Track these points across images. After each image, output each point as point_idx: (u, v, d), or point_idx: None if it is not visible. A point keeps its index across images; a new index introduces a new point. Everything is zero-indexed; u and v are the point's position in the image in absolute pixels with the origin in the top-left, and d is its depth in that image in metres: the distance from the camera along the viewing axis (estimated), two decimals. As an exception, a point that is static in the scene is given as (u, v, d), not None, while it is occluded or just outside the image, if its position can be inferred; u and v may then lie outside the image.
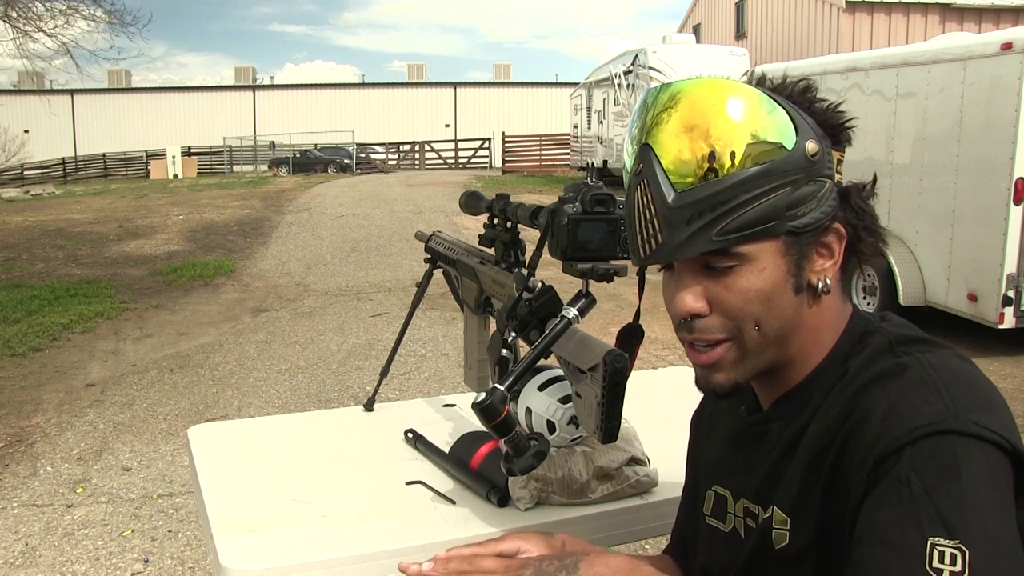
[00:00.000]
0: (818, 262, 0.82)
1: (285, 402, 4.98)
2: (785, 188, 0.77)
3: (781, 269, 0.80)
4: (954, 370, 0.76)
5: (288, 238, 12.20)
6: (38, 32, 11.48)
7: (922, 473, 0.67)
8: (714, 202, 0.76)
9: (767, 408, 0.89)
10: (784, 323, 0.81)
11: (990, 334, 5.85)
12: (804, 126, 0.79)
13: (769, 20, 20.03)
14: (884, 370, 0.77)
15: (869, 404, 0.75)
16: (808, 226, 0.79)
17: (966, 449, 0.68)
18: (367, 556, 1.09)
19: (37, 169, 32.32)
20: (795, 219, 0.78)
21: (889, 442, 0.70)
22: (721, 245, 0.77)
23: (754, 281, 0.79)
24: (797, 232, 0.79)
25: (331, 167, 28.80)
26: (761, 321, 0.81)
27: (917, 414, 0.71)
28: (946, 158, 5.96)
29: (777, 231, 0.78)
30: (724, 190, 0.76)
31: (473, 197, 1.37)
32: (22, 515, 3.51)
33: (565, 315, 0.99)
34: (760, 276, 0.79)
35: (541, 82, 40.15)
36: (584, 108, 19.62)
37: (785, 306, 0.81)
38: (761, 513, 0.86)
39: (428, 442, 1.41)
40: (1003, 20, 15.39)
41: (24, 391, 5.26)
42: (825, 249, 0.82)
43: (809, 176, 0.78)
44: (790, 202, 0.77)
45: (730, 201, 0.76)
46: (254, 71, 42.39)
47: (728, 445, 0.95)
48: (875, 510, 0.69)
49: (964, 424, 0.69)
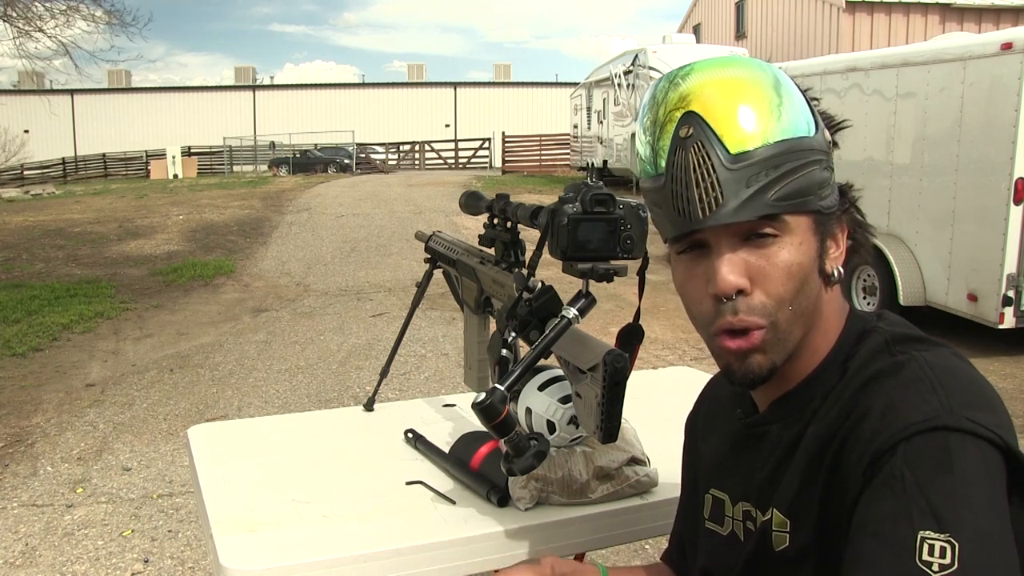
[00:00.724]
0: (832, 249, 0.83)
1: (285, 402, 4.98)
2: (816, 165, 0.79)
3: (813, 246, 0.81)
4: (950, 368, 0.76)
5: (288, 238, 12.20)
6: (38, 32, 11.49)
7: (915, 468, 0.68)
8: (768, 166, 0.77)
9: (765, 410, 0.89)
10: (811, 306, 0.82)
11: (990, 334, 5.85)
12: (817, 116, 0.81)
13: (769, 20, 20.03)
14: (882, 369, 0.78)
15: (867, 403, 0.75)
16: (830, 208, 0.81)
17: (960, 445, 0.68)
18: (367, 556, 1.09)
19: (37, 169, 32.33)
20: (822, 199, 0.80)
21: (885, 439, 0.71)
22: (777, 210, 0.77)
23: (795, 254, 0.79)
24: (823, 212, 0.81)
25: (331, 167, 28.81)
26: (795, 300, 0.80)
27: (913, 411, 0.71)
28: (946, 158, 5.96)
29: (811, 206, 0.80)
30: (776, 156, 0.77)
31: (473, 197, 1.37)
32: (22, 515, 3.51)
33: (565, 315, 0.99)
34: (799, 250, 0.79)
35: (541, 82, 40.18)
36: (584, 108, 19.62)
37: (814, 287, 0.82)
38: (760, 516, 0.86)
39: (428, 442, 1.41)
40: (1003, 20, 15.40)
41: (24, 391, 5.26)
42: (834, 239, 0.84)
43: (827, 162, 0.81)
44: (820, 181, 0.80)
45: (782, 167, 0.77)
46: (254, 71, 42.44)
47: (726, 448, 0.95)
48: (869, 505, 0.70)
49: (958, 420, 0.69)
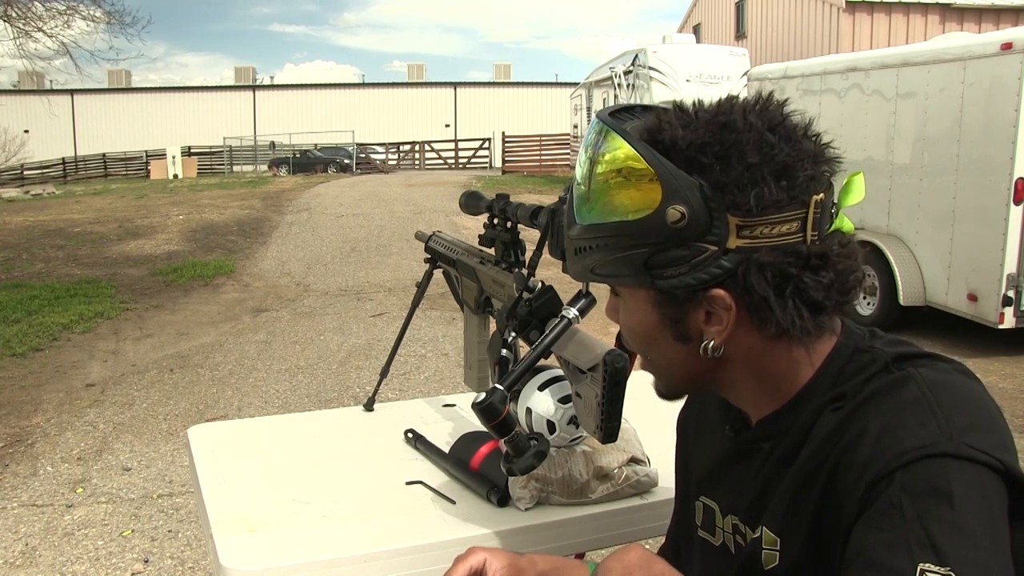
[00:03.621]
0: (705, 325, 0.79)
1: (285, 402, 4.98)
2: (640, 249, 0.77)
3: (652, 317, 0.82)
4: (950, 386, 0.74)
5: (288, 238, 12.20)
6: (38, 32, 11.50)
7: (914, 497, 0.66)
8: (590, 238, 0.81)
9: (755, 426, 0.87)
10: (673, 363, 0.84)
11: (990, 334, 5.85)
12: (678, 191, 0.74)
13: (769, 20, 20.03)
14: (878, 388, 0.76)
15: (863, 423, 0.74)
16: (675, 288, 0.77)
17: (959, 472, 0.67)
18: (367, 556, 1.09)
19: (37, 169, 32.32)
20: (660, 278, 0.77)
21: (882, 465, 0.69)
22: (596, 280, 0.84)
23: (628, 319, 0.86)
24: (664, 291, 0.79)
25: (331, 167, 28.81)
26: (648, 355, 0.87)
27: (910, 436, 0.69)
28: (946, 158, 5.96)
29: (642, 283, 0.79)
30: (592, 234, 0.81)
31: (473, 197, 1.38)
32: (22, 515, 3.51)
33: (565, 315, 0.99)
34: (632, 317, 0.84)
35: (541, 82, 40.15)
36: (584, 108, 19.60)
37: (668, 350, 0.83)
38: (749, 533, 0.85)
39: (428, 442, 1.41)
40: (1003, 20, 15.39)
41: (24, 391, 5.26)
42: (710, 315, 0.78)
43: (676, 242, 0.75)
44: (650, 262, 0.77)
45: (602, 243, 0.80)
46: (254, 71, 42.43)
47: (716, 457, 0.94)
48: (866, 533, 0.68)
49: (957, 447, 0.68)
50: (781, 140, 0.75)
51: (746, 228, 0.74)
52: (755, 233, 0.74)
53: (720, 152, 0.74)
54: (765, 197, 0.73)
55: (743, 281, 0.75)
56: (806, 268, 0.75)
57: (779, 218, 0.74)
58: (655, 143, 0.76)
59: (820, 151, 0.78)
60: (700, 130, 0.76)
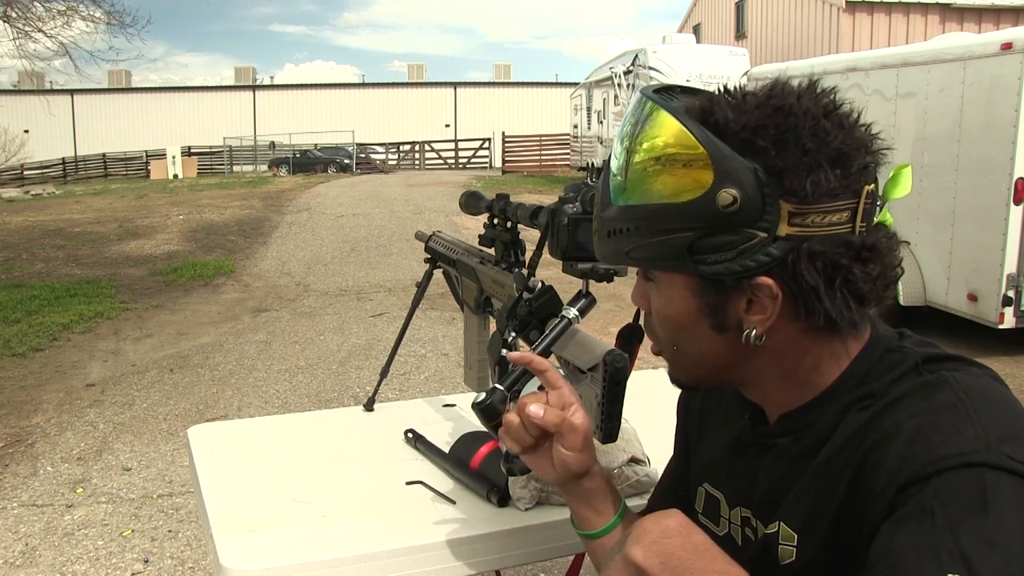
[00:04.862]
0: (746, 313, 0.77)
1: (285, 402, 4.98)
2: (684, 232, 0.75)
3: (691, 305, 0.79)
4: (986, 392, 0.72)
5: (288, 238, 12.20)
6: (37, 33, 11.50)
7: (947, 506, 0.64)
8: (625, 220, 0.79)
9: (774, 422, 0.85)
10: (705, 352, 0.82)
11: (990, 334, 5.85)
12: (731, 174, 0.72)
13: (769, 20, 20.03)
14: (909, 389, 0.74)
15: (894, 423, 0.72)
16: (720, 275, 0.75)
17: (995, 484, 0.64)
18: (367, 556, 1.09)
19: (37, 169, 32.33)
20: (704, 264, 0.75)
21: (915, 469, 0.67)
22: (629, 264, 0.82)
23: (663, 305, 0.83)
24: (705, 277, 0.76)
25: (331, 167, 28.82)
26: (678, 344, 0.84)
27: (947, 442, 0.67)
28: (946, 158, 5.96)
29: (682, 268, 0.77)
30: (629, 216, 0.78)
31: (473, 197, 1.38)
32: (22, 515, 3.51)
33: (565, 315, 0.99)
34: (669, 304, 0.82)
35: (541, 82, 40.16)
36: (584, 108, 19.62)
37: (702, 339, 0.81)
38: (762, 528, 0.84)
39: (428, 442, 1.41)
40: (1003, 20, 15.39)
41: (24, 391, 5.26)
42: (752, 304, 0.76)
43: (725, 227, 0.73)
44: (694, 247, 0.75)
45: (639, 225, 0.78)
46: (254, 71, 42.45)
47: (727, 447, 0.93)
48: (893, 536, 0.66)
49: (997, 457, 0.65)
50: (835, 127, 0.73)
51: (798, 216, 0.72)
52: (806, 221, 0.72)
53: (776, 136, 0.72)
54: (821, 184, 0.71)
55: (792, 270, 0.73)
56: (856, 259, 0.74)
57: (832, 207, 0.72)
58: (706, 124, 0.74)
59: (870, 140, 0.76)
60: (754, 112, 0.73)
